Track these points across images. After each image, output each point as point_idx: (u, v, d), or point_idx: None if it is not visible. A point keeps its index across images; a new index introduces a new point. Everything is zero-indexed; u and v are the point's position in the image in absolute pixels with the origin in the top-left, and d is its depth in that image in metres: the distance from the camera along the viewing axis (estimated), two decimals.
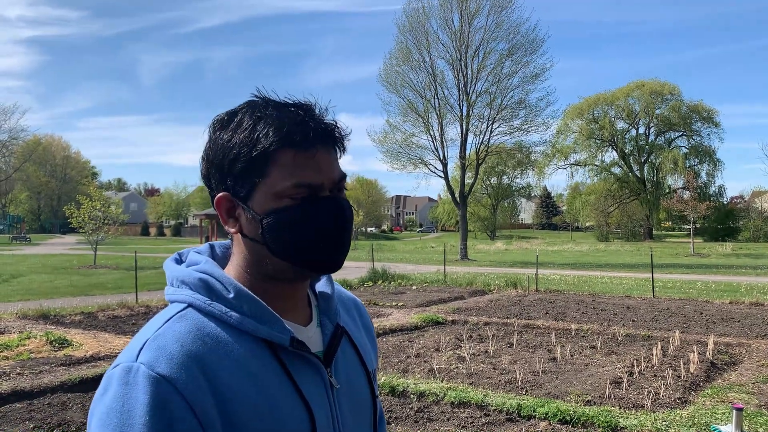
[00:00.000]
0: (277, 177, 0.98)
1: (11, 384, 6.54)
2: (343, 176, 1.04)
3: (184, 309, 1.00)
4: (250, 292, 1.01)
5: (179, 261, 1.11)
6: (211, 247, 1.14)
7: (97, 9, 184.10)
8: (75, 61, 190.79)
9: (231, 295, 1.00)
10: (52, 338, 8.86)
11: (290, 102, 1.03)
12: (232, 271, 1.06)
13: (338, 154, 1.05)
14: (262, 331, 0.99)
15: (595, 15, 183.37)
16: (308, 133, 0.99)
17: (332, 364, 1.08)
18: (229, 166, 1.00)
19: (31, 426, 5.46)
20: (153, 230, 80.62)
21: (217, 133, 1.02)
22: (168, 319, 0.98)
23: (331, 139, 1.02)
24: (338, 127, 1.04)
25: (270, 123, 0.99)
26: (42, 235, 71.44)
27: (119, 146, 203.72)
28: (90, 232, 25.65)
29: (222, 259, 1.11)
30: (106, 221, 26.24)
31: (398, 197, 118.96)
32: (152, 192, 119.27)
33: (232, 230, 1.04)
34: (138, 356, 0.92)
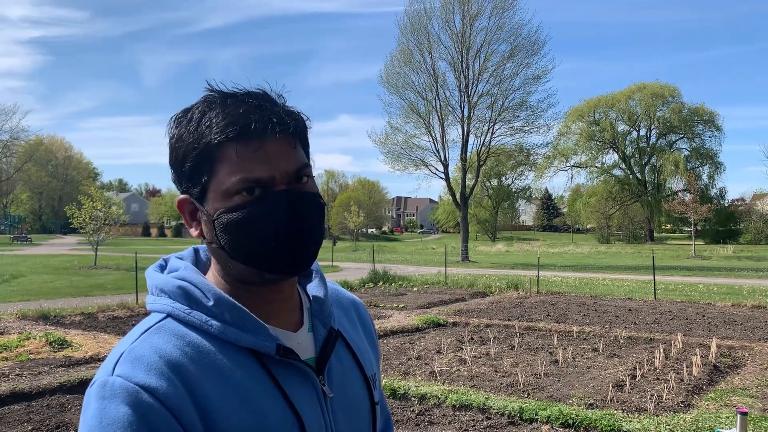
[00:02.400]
0: (224, 173, 0.91)
1: (10, 385, 6.51)
2: (304, 166, 0.95)
3: (162, 319, 0.94)
4: (231, 298, 0.95)
5: (164, 267, 1.05)
6: (196, 251, 1.08)
7: (100, 9, 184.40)
8: (77, 62, 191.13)
9: (211, 303, 0.94)
10: (52, 339, 8.82)
11: (240, 92, 0.95)
12: (211, 278, 1.00)
13: (295, 144, 0.95)
14: (246, 339, 0.93)
15: (596, 17, 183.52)
16: (250, 123, 0.90)
17: (325, 371, 1.01)
18: (180, 166, 0.94)
19: (30, 428, 5.43)
20: (154, 231, 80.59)
21: (173, 131, 0.96)
22: (145, 331, 0.93)
23: (284, 127, 0.93)
24: (294, 114, 0.96)
25: (214, 116, 0.91)
26: (43, 235, 71.44)
27: (121, 147, 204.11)
28: (91, 232, 25.62)
29: (206, 264, 1.05)
30: (107, 222, 26.22)
31: (399, 198, 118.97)
32: (154, 193, 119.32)
33: (195, 233, 0.98)
34: (114, 370, 0.88)
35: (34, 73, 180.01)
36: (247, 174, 0.90)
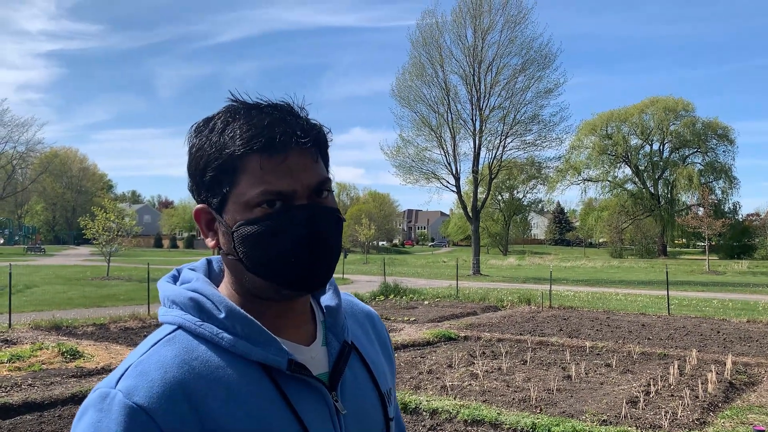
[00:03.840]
0: (246, 185, 0.90)
1: (22, 395, 6.53)
2: (324, 180, 0.94)
3: (173, 331, 0.93)
4: (242, 311, 0.93)
5: (176, 278, 1.04)
6: (209, 262, 1.07)
7: (116, 23, 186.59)
8: (93, 74, 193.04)
9: (222, 315, 0.92)
10: (64, 349, 8.86)
11: (264, 103, 0.94)
12: (224, 290, 0.99)
13: (317, 157, 0.94)
14: (257, 353, 0.91)
15: (609, 30, 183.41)
16: (275, 135, 0.89)
17: (339, 387, 0.99)
18: (201, 176, 0.93)
19: None
20: (166, 242, 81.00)
21: (193, 140, 0.95)
22: (155, 343, 0.92)
23: (308, 141, 0.92)
24: (316, 128, 0.95)
25: (237, 127, 0.91)
26: (56, 246, 72.01)
27: (135, 158, 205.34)
28: (104, 243, 25.80)
29: (219, 276, 1.04)
30: (119, 233, 26.40)
31: (410, 211, 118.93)
32: (166, 204, 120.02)
33: (211, 244, 0.97)
34: (118, 382, 0.87)
35: (51, 85, 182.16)
36: (269, 186, 0.90)
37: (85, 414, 0.86)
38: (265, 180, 0.90)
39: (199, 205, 0.97)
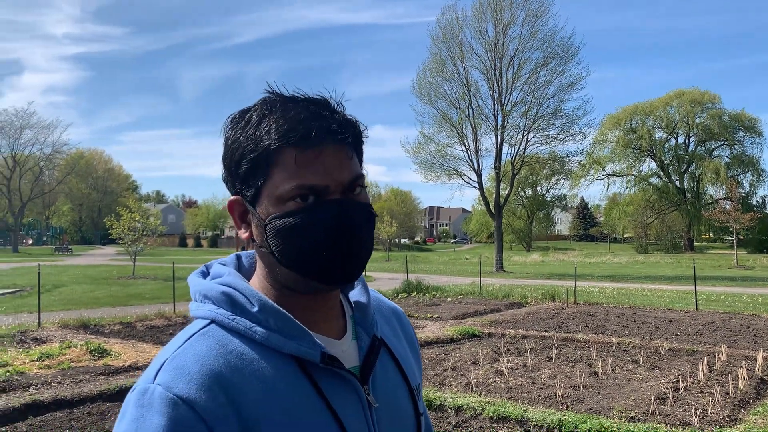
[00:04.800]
0: (279, 178, 0.91)
1: (52, 392, 6.64)
2: (358, 176, 0.94)
3: (206, 325, 0.94)
4: (275, 304, 0.94)
5: (206, 274, 1.04)
6: (238, 257, 1.07)
7: (140, 25, 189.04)
8: (117, 77, 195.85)
9: (255, 309, 0.93)
10: (92, 348, 8.98)
11: (301, 97, 0.95)
12: (256, 283, 1.00)
13: (352, 153, 0.95)
14: (290, 346, 0.91)
15: (633, 23, 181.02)
16: (311, 130, 0.90)
17: (369, 380, 0.99)
18: (236, 167, 0.94)
19: None
20: (190, 241, 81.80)
21: (228, 132, 0.96)
22: (189, 337, 0.92)
23: (342, 136, 0.93)
24: (352, 123, 0.95)
25: (273, 120, 0.91)
26: (83, 246, 73.14)
27: (159, 159, 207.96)
28: (129, 243, 26.14)
29: (249, 271, 1.04)
30: (144, 232, 26.72)
31: (432, 208, 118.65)
32: (190, 204, 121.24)
33: (245, 236, 0.97)
34: (156, 377, 0.87)
35: (76, 88, 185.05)
36: (303, 181, 0.90)
37: (126, 413, 0.87)
38: (299, 174, 0.90)
39: (233, 197, 0.97)
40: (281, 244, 0.92)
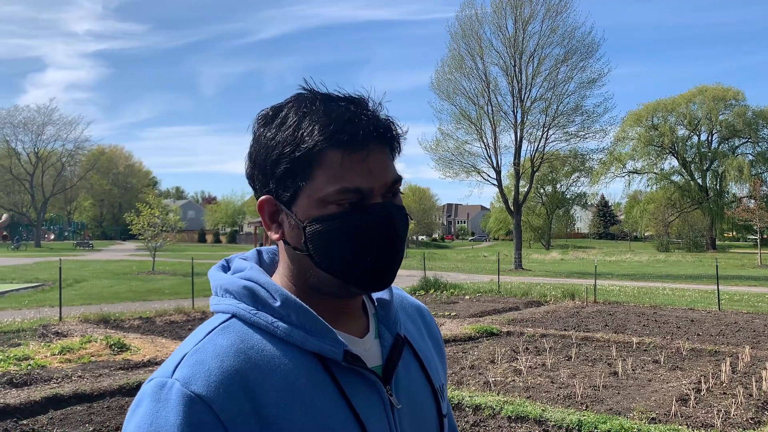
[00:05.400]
0: (323, 180, 0.88)
1: (73, 386, 6.70)
2: (398, 179, 0.93)
3: (227, 320, 0.92)
4: (298, 300, 0.92)
5: (226, 268, 1.02)
6: (259, 253, 1.05)
7: (160, 22, 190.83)
8: (138, 73, 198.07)
9: (277, 304, 0.91)
10: (112, 342, 9.06)
11: (340, 95, 0.92)
12: (278, 280, 0.98)
13: (393, 155, 0.93)
14: (312, 343, 0.89)
15: (655, 19, 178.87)
16: (358, 131, 0.87)
17: (392, 381, 0.97)
18: (272, 167, 0.91)
19: (91, 429, 5.57)
20: (209, 237, 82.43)
21: (261, 129, 0.93)
22: (210, 331, 0.90)
23: (385, 138, 0.91)
24: (394, 125, 0.93)
25: (316, 120, 0.88)
26: (104, 241, 74.04)
27: (179, 155, 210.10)
28: (149, 238, 26.38)
29: (270, 266, 1.02)
30: (164, 228, 26.95)
31: (450, 205, 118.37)
32: (209, 200, 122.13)
33: (275, 236, 0.95)
34: (174, 372, 0.85)
35: (97, 84, 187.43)
36: (347, 184, 0.88)
37: (140, 404, 0.84)
38: (344, 177, 0.88)
39: (265, 196, 0.94)
40: (321, 248, 0.89)
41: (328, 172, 0.88)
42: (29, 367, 7.75)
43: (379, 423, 0.92)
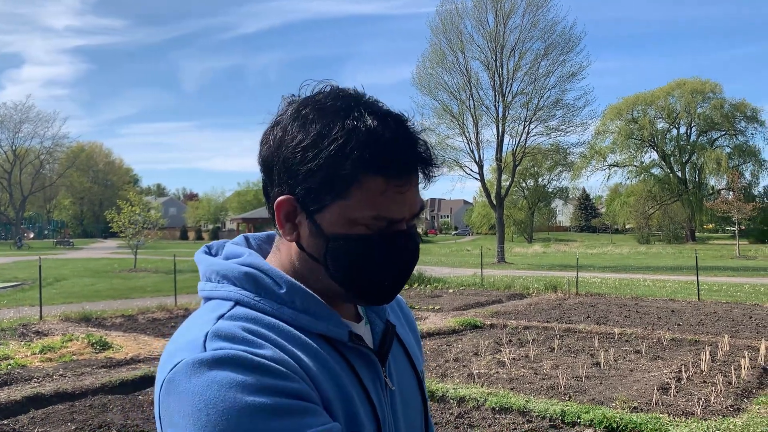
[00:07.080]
0: (358, 202, 0.86)
1: (54, 385, 6.63)
2: (423, 207, 0.94)
3: (232, 307, 0.88)
4: (302, 285, 0.91)
5: (210, 253, 1.01)
6: (246, 239, 1.04)
7: (141, 17, 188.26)
8: (118, 69, 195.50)
9: (283, 290, 0.90)
10: (94, 340, 8.98)
11: (386, 112, 0.89)
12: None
13: (424, 184, 0.93)
14: (319, 326, 0.90)
15: (634, 13, 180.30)
16: (406, 164, 0.87)
17: (386, 364, 0.99)
18: (305, 175, 0.87)
19: (73, 427, 5.51)
20: (191, 234, 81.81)
21: (295, 131, 0.88)
22: (220, 316, 0.86)
23: (429, 170, 0.91)
24: (433, 155, 0.92)
25: (364, 141, 0.85)
26: (84, 239, 73.18)
27: (160, 152, 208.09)
28: (130, 236, 26.14)
29: (258, 253, 1.01)
30: (145, 225, 26.72)
31: (433, 200, 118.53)
32: (191, 197, 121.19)
33: (288, 237, 0.92)
34: (205, 347, 0.80)
35: (76, 81, 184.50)
36: (384, 213, 0.88)
37: (179, 386, 0.78)
38: (380, 204, 0.88)
39: (286, 197, 0.90)
40: (342, 265, 0.90)
41: (366, 195, 0.86)
42: (9, 366, 7.65)
43: (379, 402, 0.94)
